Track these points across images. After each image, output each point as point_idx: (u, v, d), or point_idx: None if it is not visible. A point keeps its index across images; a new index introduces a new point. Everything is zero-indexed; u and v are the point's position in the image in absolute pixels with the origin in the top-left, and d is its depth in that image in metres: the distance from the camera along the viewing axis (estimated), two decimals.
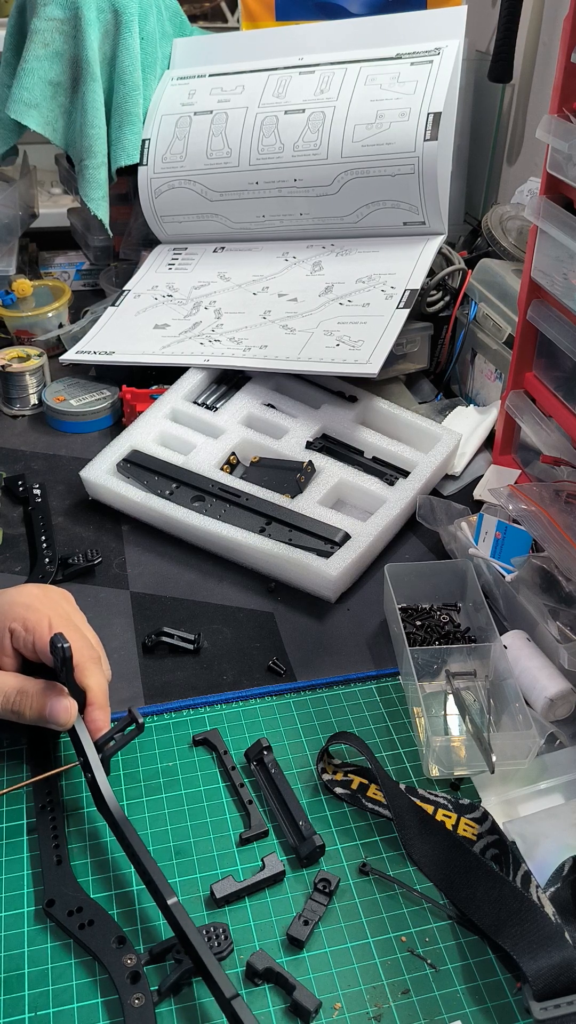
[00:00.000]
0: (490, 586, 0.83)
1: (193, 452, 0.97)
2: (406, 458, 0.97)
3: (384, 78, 1.17)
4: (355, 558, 0.85)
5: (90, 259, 1.46)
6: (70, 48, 1.18)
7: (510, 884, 0.57)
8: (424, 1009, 0.54)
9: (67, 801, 0.66)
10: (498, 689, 0.73)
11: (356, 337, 1.04)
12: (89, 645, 0.67)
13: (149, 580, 0.87)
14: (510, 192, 1.36)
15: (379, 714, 0.73)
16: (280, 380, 1.07)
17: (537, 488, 0.87)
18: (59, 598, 0.70)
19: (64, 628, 0.65)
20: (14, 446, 1.09)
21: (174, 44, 1.33)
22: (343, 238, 1.22)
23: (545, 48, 1.27)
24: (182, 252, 1.29)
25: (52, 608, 0.67)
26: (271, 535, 0.87)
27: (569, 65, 0.79)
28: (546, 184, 0.85)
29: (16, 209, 1.34)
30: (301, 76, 1.22)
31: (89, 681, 0.66)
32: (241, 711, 0.73)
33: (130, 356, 1.11)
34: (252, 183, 1.21)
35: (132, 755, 0.69)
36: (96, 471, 0.95)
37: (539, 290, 0.90)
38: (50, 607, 0.67)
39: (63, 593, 0.71)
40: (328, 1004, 0.54)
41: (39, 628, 0.65)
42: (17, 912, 0.59)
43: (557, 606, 0.76)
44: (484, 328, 1.09)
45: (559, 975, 0.52)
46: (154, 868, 0.57)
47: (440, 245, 1.15)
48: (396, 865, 0.62)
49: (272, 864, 0.61)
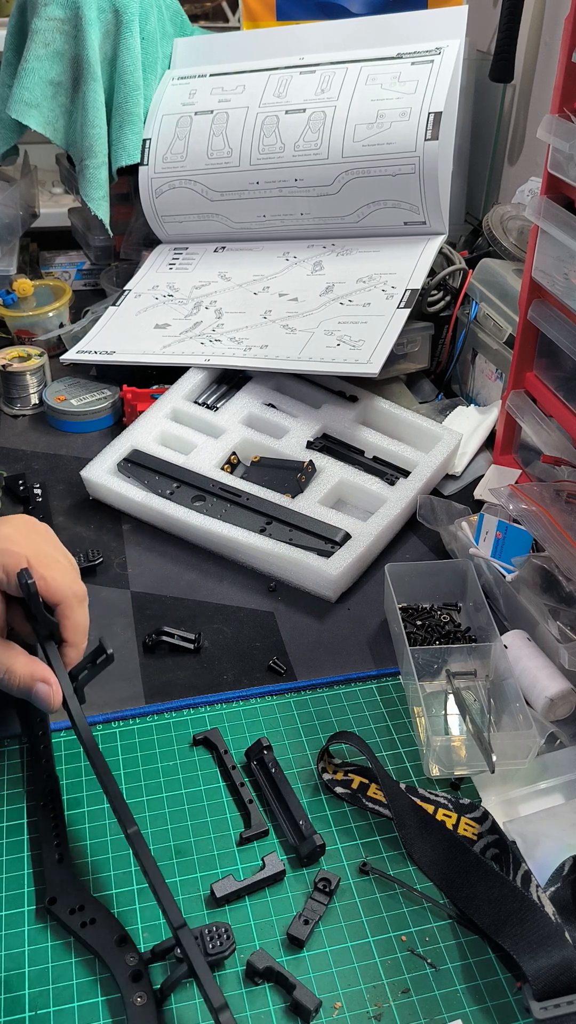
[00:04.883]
0: (491, 586, 0.83)
1: (194, 452, 0.97)
2: (407, 458, 0.97)
3: (385, 78, 1.17)
4: (355, 558, 0.85)
5: (91, 259, 1.46)
6: (71, 48, 1.19)
7: (510, 884, 0.57)
8: (424, 1008, 0.54)
9: (68, 800, 0.66)
10: (498, 689, 0.73)
11: (357, 337, 1.04)
12: (71, 583, 0.65)
13: (150, 580, 0.88)
14: (511, 192, 1.36)
15: (379, 714, 0.73)
16: (281, 380, 1.07)
17: (538, 488, 0.87)
18: (36, 534, 0.68)
19: (45, 566, 0.64)
20: (15, 446, 1.09)
21: (175, 44, 1.33)
22: (344, 238, 1.22)
23: (546, 48, 1.27)
24: (183, 252, 1.29)
25: (30, 547, 0.65)
26: (272, 535, 0.87)
27: (570, 65, 0.79)
28: (547, 184, 0.85)
29: (17, 209, 1.34)
30: (302, 76, 1.22)
31: (67, 620, 0.65)
32: (241, 710, 0.73)
33: (131, 356, 1.11)
34: (253, 183, 1.21)
35: (132, 755, 0.69)
36: (97, 471, 0.95)
37: (540, 290, 0.90)
38: (27, 547, 0.65)
39: (45, 528, 0.69)
40: (328, 1003, 0.54)
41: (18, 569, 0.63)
42: (18, 911, 0.59)
43: (557, 606, 0.76)
44: (485, 328, 1.09)
45: (559, 975, 0.53)
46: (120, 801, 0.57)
47: (441, 245, 1.15)
48: (396, 864, 0.62)
49: (272, 863, 0.61)
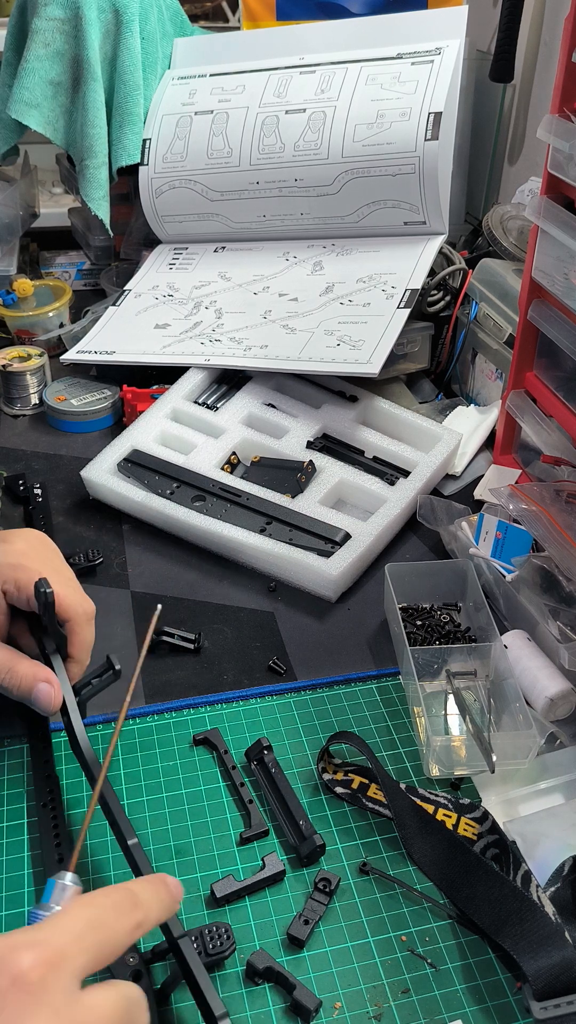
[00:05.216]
0: (491, 586, 0.83)
1: (194, 452, 0.97)
2: (407, 458, 0.97)
3: (385, 78, 1.17)
4: (356, 558, 0.85)
5: (91, 259, 1.46)
6: (71, 48, 1.19)
7: (510, 884, 0.57)
8: (424, 1008, 0.54)
9: (68, 800, 0.66)
10: (498, 689, 0.73)
11: (357, 337, 1.04)
12: (81, 601, 0.67)
13: (150, 580, 0.88)
14: (511, 192, 1.36)
15: (379, 714, 0.73)
16: (281, 380, 1.07)
17: (538, 488, 0.87)
18: (49, 552, 0.69)
19: (58, 583, 0.65)
20: (15, 445, 1.09)
21: (175, 44, 1.33)
22: (344, 238, 1.22)
23: (546, 48, 1.27)
24: (183, 252, 1.29)
25: (42, 564, 0.67)
26: (272, 535, 0.87)
27: (570, 65, 0.79)
28: (547, 184, 0.85)
29: (17, 209, 1.34)
30: (302, 76, 1.22)
31: (75, 637, 0.66)
32: (241, 710, 0.73)
33: (131, 356, 1.11)
34: (253, 183, 1.21)
35: (132, 755, 0.69)
36: (97, 471, 0.95)
37: (540, 290, 0.90)
38: (40, 563, 0.66)
39: (53, 546, 0.71)
40: (328, 1003, 0.54)
41: (31, 587, 0.64)
42: (18, 911, 0.59)
43: (557, 606, 0.76)
44: (485, 328, 1.09)
45: (559, 975, 0.53)
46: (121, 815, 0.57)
47: (441, 245, 1.15)
48: (396, 864, 0.62)
49: (272, 863, 0.61)
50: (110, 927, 0.42)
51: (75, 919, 0.41)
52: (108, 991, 0.40)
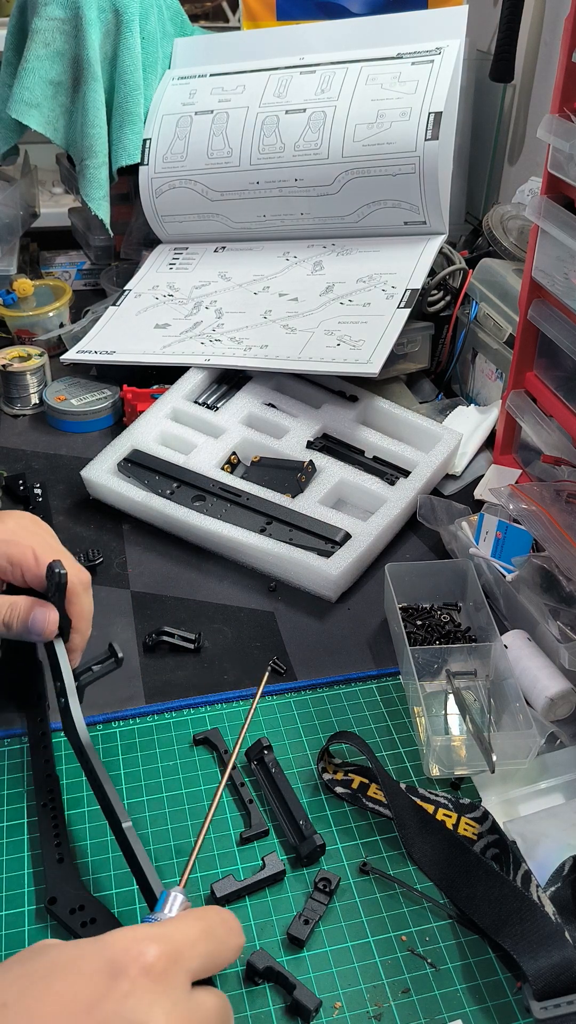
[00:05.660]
0: (491, 586, 0.83)
1: (194, 452, 0.97)
2: (407, 458, 0.97)
3: (385, 78, 1.17)
4: (356, 558, 0.85)
5: (91, 259, 1.46)
6: (71, 48, 1.19)
7: (510, 883, 0.57)
8: (424, 1008, 0.54)
9: (68, 800, 0.66)
10: (498, 689, 0.73)
11: (357, 337, 1.04)
12: (78, 572, 0.68)
13: (150, 579, 0.88)
14: (511, 192, 1.36)
15: (379, 713, 0.73)
16: (281, 380, 1.07)
17: (538, 488, 0.87)
18: (40, 529, 0.70)
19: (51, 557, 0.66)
20: (15, 445, 1.09)
21: (175, 44, 1.33)
22: (344, 238, 1.22)
23: (546, 48, 1.27)
24: (183, 252, 1.29)
25: (33, 539, 0.67)
26: (272, 535, 0.87)
27: (570, 65, 0.79)
28: (547, 184, 0.85)
29: (17, 208, 1.34)
30: (302, 76, 1.22)
31: (73, 607, 0.67)
32: (242, 710, 0.73)
33: (131, 356, 1.11)
34: (253, 183, 1.21)
35: (132, 755, 0.69)
36: (97, 470, 0.95)
37: (540, 290, 0.90)
38: (31, 538, 0.67)
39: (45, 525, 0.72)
40: (328, 1003, 0.54)
41: (24, 560, 0.65)
42: (18, 911, 0.59)
43: (558, 606, 0.76)
44: (485, 328, 1.09)
45: (559, 974, 0.53)
46: (114, 797, 0.57)
47: (441, 245, 1.15)
48: (396, 864, 0.62)
49: (272, 863, 0.61)
50: (221, 940, 0.44)
51: (191, 926, 0.44)
52: (214, 994, 0.43)
